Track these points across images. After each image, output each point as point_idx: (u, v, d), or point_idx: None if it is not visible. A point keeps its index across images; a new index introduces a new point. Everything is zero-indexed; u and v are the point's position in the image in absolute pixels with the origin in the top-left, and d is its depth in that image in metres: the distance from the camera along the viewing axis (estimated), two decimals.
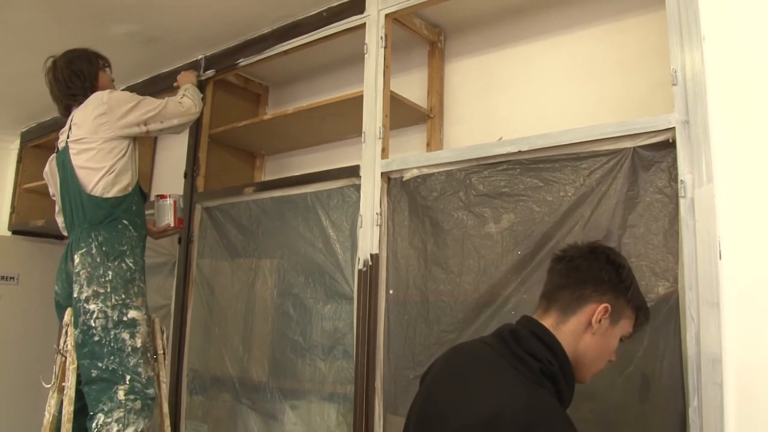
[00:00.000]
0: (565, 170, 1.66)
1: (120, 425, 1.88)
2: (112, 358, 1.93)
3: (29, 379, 2.90)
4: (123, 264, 2.04)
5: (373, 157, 2.04)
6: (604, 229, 1.56)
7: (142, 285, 2.09)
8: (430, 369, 1.28)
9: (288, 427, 2.21)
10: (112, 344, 1.94)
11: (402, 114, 2.25)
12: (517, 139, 1.74)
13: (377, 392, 1.91)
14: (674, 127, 1.44)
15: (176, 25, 2.55)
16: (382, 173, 2.01)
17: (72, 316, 1.98)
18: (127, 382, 1.93)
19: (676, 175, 1.43)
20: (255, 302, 2.42)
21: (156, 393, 2.03)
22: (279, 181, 2.49)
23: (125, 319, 1.98)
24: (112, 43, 2.57)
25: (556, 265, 1.26)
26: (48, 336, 3.28)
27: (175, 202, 2.48)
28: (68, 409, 1.94)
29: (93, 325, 1.94)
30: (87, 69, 2.22)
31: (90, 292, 1.96)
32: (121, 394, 1.91)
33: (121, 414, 1.89)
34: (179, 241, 2.67)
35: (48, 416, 2.01)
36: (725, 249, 1.30)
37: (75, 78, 2.19)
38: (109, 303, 1.97)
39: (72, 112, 2.21)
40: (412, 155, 2.04)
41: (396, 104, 2.14)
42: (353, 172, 2.11)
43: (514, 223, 1.73)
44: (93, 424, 1.89)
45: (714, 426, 1.26)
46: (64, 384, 1.98)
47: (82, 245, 2.03)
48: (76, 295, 1.98)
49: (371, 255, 1.98)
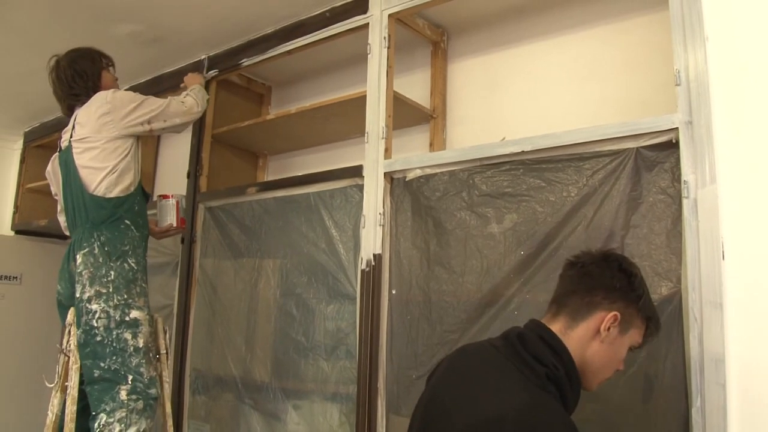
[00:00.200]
0: (568, 170, 1.66)
1: (122, 425, 1.88)
2: (115, 358, 1.94)
3: (32, 378, 2.92)
4: (125, 264, 2.04)
5: (376, 157, 2.04)
6: (607, 230, 1.56)
7: (144, 285, 2.09)
8: (437, 369, 1.28)
9: (291, 427, 2.21)
10: (114, 344, 1.95)
11: (405, 114, 2.25)
12: (520, 139, 1.74)
13: (380, 392, 1.91)
14: (677, 128, 1.44)
15: (179, 25, 2.56)
16: (385, 173, 2.01)
17: (75, 315, 1.99)
18: (130, 382, 1.93)
19: (680, 175, 1.42)
20: (258, 302, 2.42)
21: (158, 393, 2.02)
22: (282, 181, 2.49)
23: (127, 319, 1.98)
24: (115, 43, 2.57)
25: (568, 270, 1.26)
26: (51, 336, 3.29)
27: (177, 202, 2.47)
28: (71, 408, 1.94)
29: (95, 325, 1.94)
30: (90, 68, 2.21)
31: (92, 292, 1.97)
32: (123, 394, 1.92)
33: (124, 414, 1.90)
34: (182, 241, 2.68)
35: (51, 416, 2.01)
36: (728, 249, 1.30)
37: (78, 77, 2.19)
38: (111, 303, 1.97)
39: (75, 111, 2.21)
40: (415, 155, 2.04)
41: (399, 104, 2.14)
42: (356, 172, 2.11)
43: (516, 224, 1.73)
44: (95, 424, 1.89)
45: (717, 427, 1.25)
46: (67, 384, 1.98)
47: (84, 245, 2.03)
48: (78, 295, 1.98)
49: (374, 255, 1.98)
